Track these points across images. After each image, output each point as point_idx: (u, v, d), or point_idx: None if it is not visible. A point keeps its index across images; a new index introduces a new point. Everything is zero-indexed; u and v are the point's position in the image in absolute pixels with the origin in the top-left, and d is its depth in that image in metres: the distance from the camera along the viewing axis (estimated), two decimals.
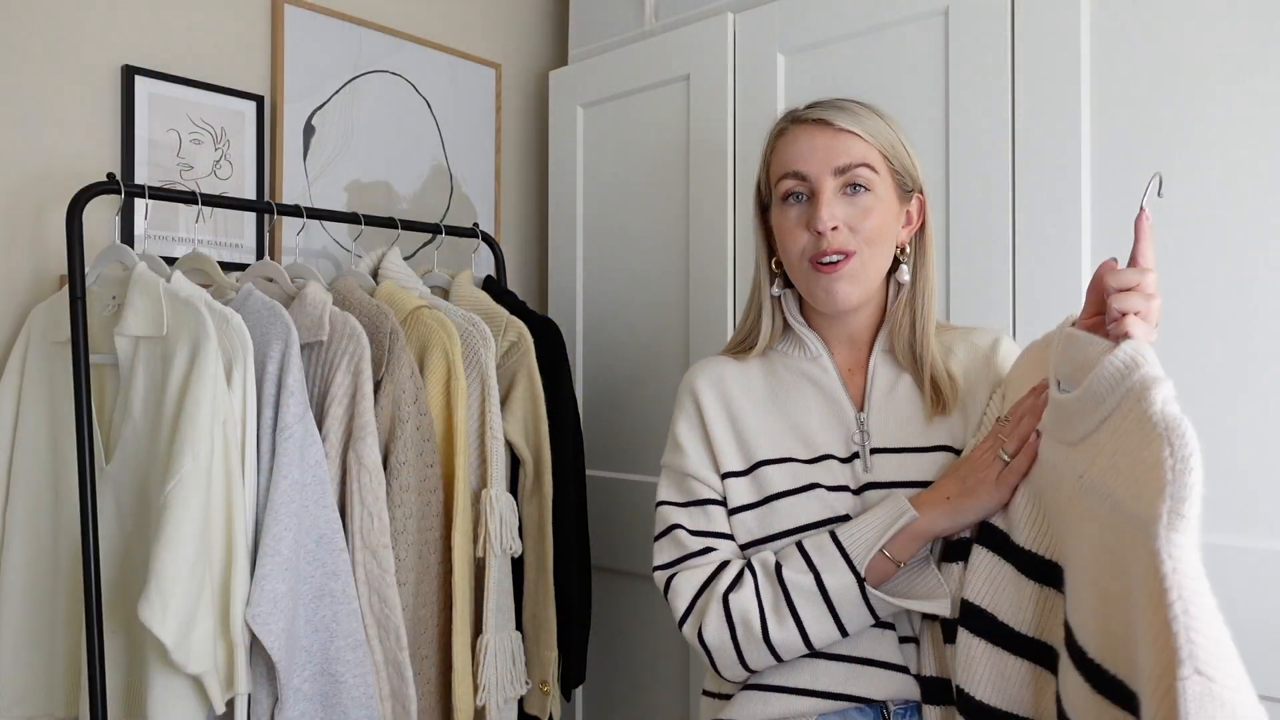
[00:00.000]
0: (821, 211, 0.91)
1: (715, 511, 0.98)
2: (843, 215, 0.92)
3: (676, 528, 0.98)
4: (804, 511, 0.93)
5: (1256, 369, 1.03)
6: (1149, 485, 0.59)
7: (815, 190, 0.93)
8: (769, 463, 0.96)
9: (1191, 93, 1.08)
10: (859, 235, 0.92)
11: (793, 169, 0.94)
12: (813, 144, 0.93)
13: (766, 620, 0.88)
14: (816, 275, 0.93)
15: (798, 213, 0.94)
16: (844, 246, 0.92)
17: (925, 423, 0.95)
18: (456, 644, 1.27)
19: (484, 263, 1.87)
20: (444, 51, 1.86)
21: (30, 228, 1.32)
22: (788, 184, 0.95)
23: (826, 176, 0.92)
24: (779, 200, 0.97)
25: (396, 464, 1.22)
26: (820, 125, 0.93)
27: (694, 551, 0.97)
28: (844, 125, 0.93)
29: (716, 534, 0.97)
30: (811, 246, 0.93)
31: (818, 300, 0.95)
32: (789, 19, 1.45)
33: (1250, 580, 1.01)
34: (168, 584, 0.98)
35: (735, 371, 1.03)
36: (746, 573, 0.92)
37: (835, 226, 0.91)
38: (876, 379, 0.98)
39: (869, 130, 0.93)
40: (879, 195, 0.93)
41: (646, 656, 1.65)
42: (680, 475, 1.00)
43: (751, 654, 0.90)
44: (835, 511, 0.92)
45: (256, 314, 1.18)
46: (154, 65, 1.44)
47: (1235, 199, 1.04)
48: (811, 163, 0.93)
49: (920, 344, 0.96)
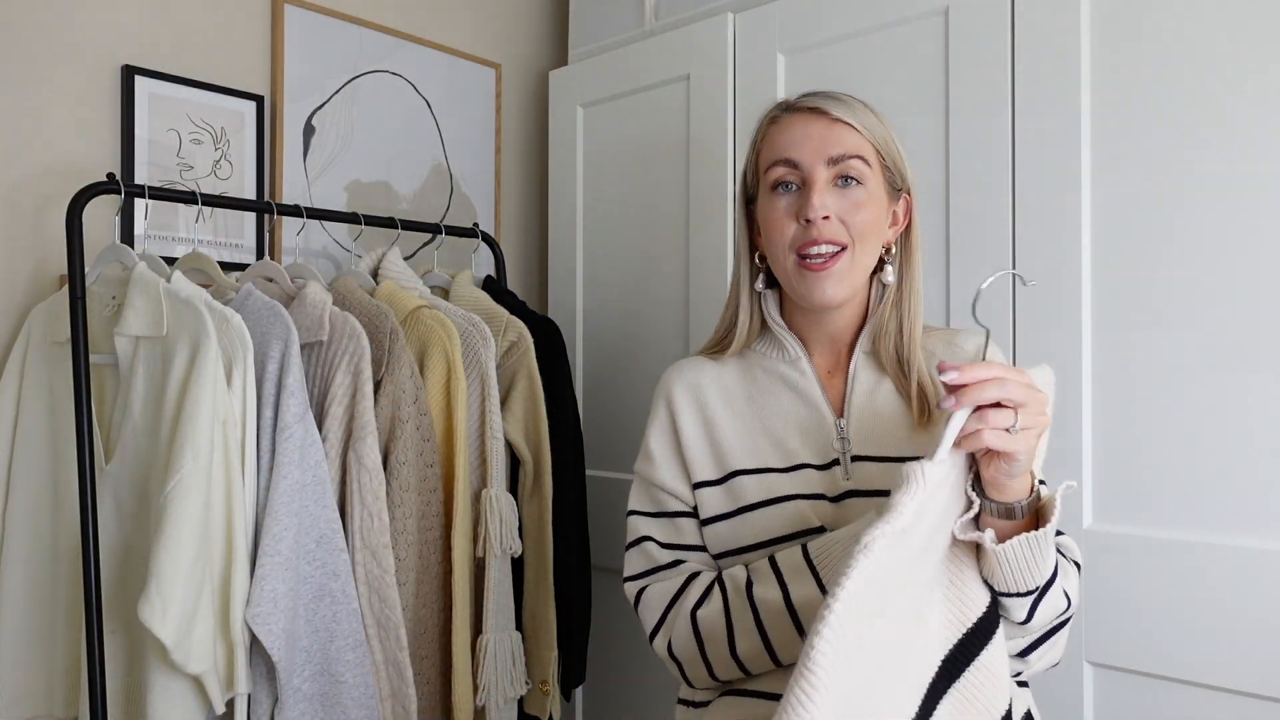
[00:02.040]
0: (814, 199, 0.88)
1: (684, 524, 0.96)
2: (834, 207, 0.89)
3: (646, 540, 0.97)
4: (777, 523, 0.91)
5: (1256, 369, 1.03)
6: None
7: (807, 179, 0.90)
8: (743, 473, 0.93)
9: (1191, 92, 1.08)
10: (850, 228, 0.89)
11: (784, 156, 0.91)
12: (806, 132, 0.90)
13: (734, 636, 0.88)
14: (802, 271, 0.90)
15: (787, 202, 0.91)
16: (834, 237, 0.89)
17: (909, 431, 0.91)
18: (456, 644, 1.27)
19: (484, 263, 1.87)
20: (444, 51, 1.86)
21: (30, 228, 1.32)
22: (778, 171, 0.91)
23: (819, 166, 0.89)
24: (767, 189, 0.93)
25: (396, 464, 1.22)
26: (815, 114, 0.91)
27: (663, 565, 0.96)
28: (839, 115, 0.90)
29: (686, 546, 0.96)
30: (800, 236, 0.90)
31: (801, 296, 0.92)
32: (789, 19, 1.45)
33: (1250, 580, 1.01)
34: (168, 584, 0.98)
35: (712, 374, 1.00)
36: (715, 588, 0.91)
37: (826, 216, 0.88)
38: (857, 383, 0.95)
39: (864, 123, 0.91)
40: (870, 190, 0.91)
41: (646, 656, 1.65)
42: (650, 485, 0.98)
43: (720, 667, 0.90)
44: (809, 523, 0.90)
45: (256, 314, 1.18)
46: (154, 65, 1.44)
47: (1235, 198, 1.04)
48: (804, 151, 0.90)
49: (907, 349, 0.93)
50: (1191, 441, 1.06)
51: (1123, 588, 1.09)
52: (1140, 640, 1.08)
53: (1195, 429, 1.06)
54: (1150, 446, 1.09)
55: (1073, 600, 0.85)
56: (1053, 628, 0.85)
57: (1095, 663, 1.12)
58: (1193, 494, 1.06)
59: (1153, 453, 1.09)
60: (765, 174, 0.93)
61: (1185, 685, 1.06)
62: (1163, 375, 1.08)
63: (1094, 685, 1.12)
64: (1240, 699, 1.02)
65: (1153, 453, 1.09)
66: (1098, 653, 1.11)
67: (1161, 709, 1.08)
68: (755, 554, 0.92)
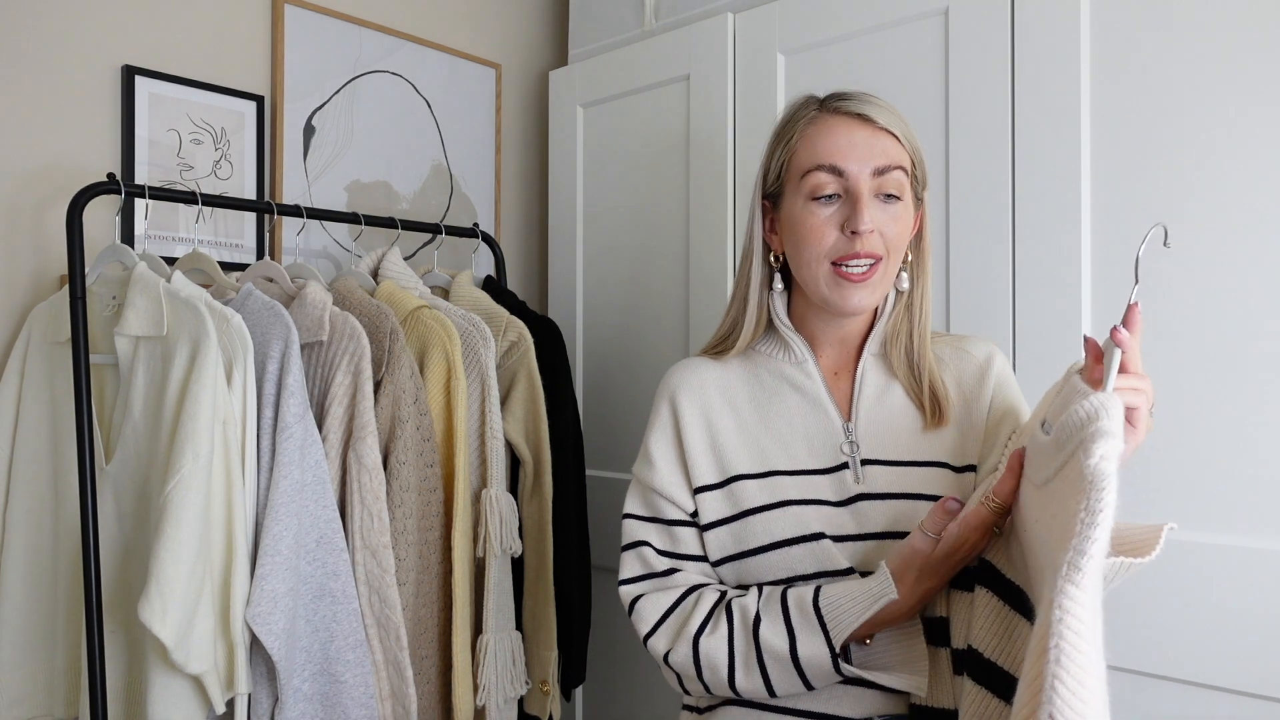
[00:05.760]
0: (865, 213, 0.86)
1: (681, 533, 0.95)
2: (877, 219, 0.88)
3: (643, 544, 0.96)
4: (779, 527, 0.89)
5: (1257, 369, 1.03)
6: (1066, 535, 0.59)
7: (853, 190, 0.87)
8: (745, 477, 0.92)
9: (1191, 91, 1.08)
10: (886, 241, 0.88)
11: (829, 162, 0.88)
12: (853, 139, 0.88)
13: (735, 672, 0.87)
14: (839, 280, 0.89)
15: (830, 211, 0.89)
16: (874, 250, 0.88)
17: (920, 435, 0.91)
18: (456, 644, 1.27)
19: (484, 263, 1.87)
20: (444, 51, 1.86)
21: (30, 228, 1.32)
22: (820, 178, 0.88)
23: (866, 177, 0.87)
24: (805, 194, 0.90)
25: (396, 464, 1.22)
26: (861, 121, 0.89)
27: (659, 572, 0.95)
28: (884, 124, 0.88)
29: (683, 555, 0.95)
30: (842, 248, 0.88)
31: (832, 304, 0.90)
32: (789, 19, 1.45)
33: (1250, 580, 1.01)
34: (168, 584, 0.98)
35: (716, 375, 0.98)
36: (722, 616, 0.89)
37: (873, 230, 0.87)
38: (865, 385, 0.94)
39: (904, 132, 0.90)
40: (906, 203, 0.90)
41: (646, 656, 1.65)
42: (648, 491, 0.97)
43: (717, 690, 0.90)
44: (810, 529, 0.89)
45: (256, 314, 1.18)
46: (154, 65, 1.44)
47: (1236, 198, 1.04)
48: (851, 160, 0.87)
49: (919, 354, 0.93)
50: (1192, 441, 1.06)
51: (1123, 587, 1.09)
52: (1140, 640, 1.08)
53: (1196, 429, 1.06)
54: (1151, 446, 1.09)
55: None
56: None
57: None
58: (1193, 494, 1.06)
59: (1153, 453, 1.09)
60: (803, 178, 0.90)
61: (1185, 685, 1.06)
62: (1163, 376, 1.08)
63: None
64: (1240, 699, 1.02)
65: (1153, 453, 1.09)
66: None
67: (1161, 709, 1.08)
68: (756, 559, 0.91)
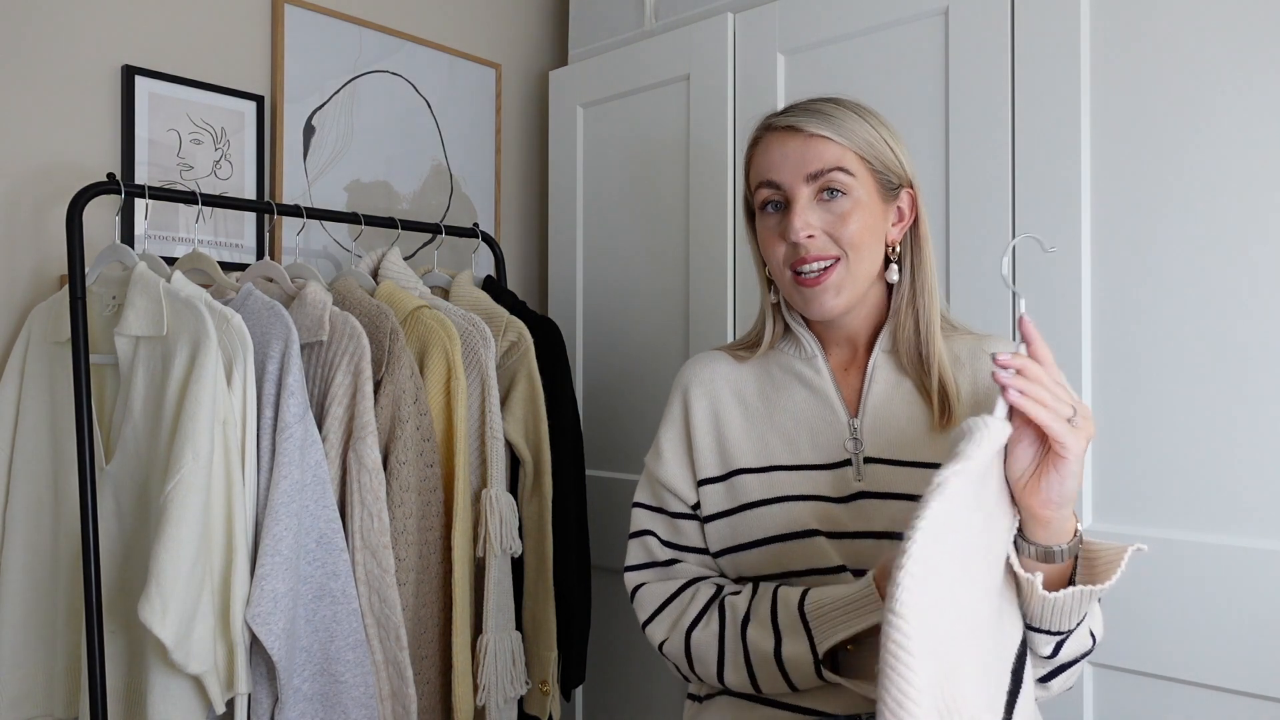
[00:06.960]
0: (794, 220, 0.89)
1: (685, 525, 0.99)
2: (819, 222, 0.89)
3: (649, 534, 1.00)
4: (774, 523, 0.91)
5: (1257, 369, 1.03)
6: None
7: (789, 199, 0.91)
8: (746, 471, 0.94)
9: (1191, 91, 1.08)
10: (840, 240, 0.89)
11: (766, 178, 0.92)
12: (784, 152, 0.91)
13: (724, 666, 0.90)
14: (798, 286, 0.91)
15: (775, 222, 0.93)
16: (823, 252, 0.89)
17: (927, 435, 0.90)
18: (456, 644, 1.27)
19: (484, 263, 1.87)
20: (444, 51, 1.86)
21: (30, 228, 1.32)
22: (764, 193, 0.93)
23: (799, 185, 0.90)
24: (759, 209, 0.95)
25: (396, 464, 1.22)
26: (790, 132, 0.91)
27: (661, 561, 0.99)
28: (814, 130, 0.89)
29: (685, 547, 0.99)
30: (791, 255, 0.91)
31: (801, 309, 0.94)
32: (789, 19, 1.45)
33: (1250, 580, 1.01)
34: (168, 584, 0.98)
35: (728, 370, 1.01)
36: (714, 612, 0.92)
37: (811, 235, 0.89)
38: (874, 382, 0.94)
39: (842, 132, 0.90)
40: (857, 198, 0.90)
41: (646, 657, 1.65)
42: (656, 482, 1.01)
43: (708, 681, 0.93)
44: (805, 525, 0.90)
45: (256, 314, 1.18)
46: (154, 65, 1.44)
47: (1236, 197, 1.04)
48: (784, 171, 0.90)
49: (926, 347, 0.92)
50: (1191, 441, 1.06)
51: (1123, 588, 1.09)
52: (1140, 640, 1.08)
53: (1195, 429, 1.06)
54: (1150, 446, 1.09)
55: (1097, 638, 0.85)
56: (1074, 660, 0.84)
57: (1095, 663, 1.12)
58: (1193, 494, 1.06)
59: (1153, 452, 1.09)
60: (754, 195, 0.95)
61: (1185, 685, 1.06)
62: (1163, 375, 1.08)
63: (1094, 685, 1.13)
64: (1240, 699, 1.02)
65: (1153, 452, 1.09)
66: (1098, 653, 1.11)
67: (1161, 709, 1.08)
68: (750, 553, 0.93)
